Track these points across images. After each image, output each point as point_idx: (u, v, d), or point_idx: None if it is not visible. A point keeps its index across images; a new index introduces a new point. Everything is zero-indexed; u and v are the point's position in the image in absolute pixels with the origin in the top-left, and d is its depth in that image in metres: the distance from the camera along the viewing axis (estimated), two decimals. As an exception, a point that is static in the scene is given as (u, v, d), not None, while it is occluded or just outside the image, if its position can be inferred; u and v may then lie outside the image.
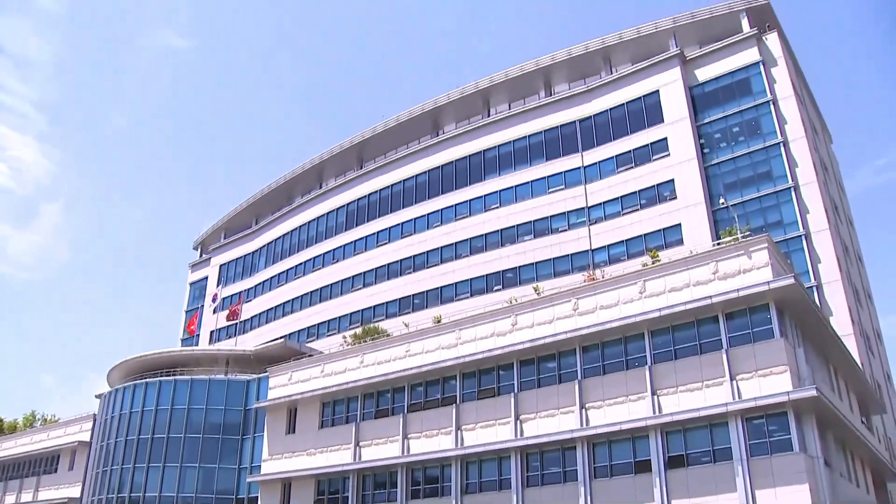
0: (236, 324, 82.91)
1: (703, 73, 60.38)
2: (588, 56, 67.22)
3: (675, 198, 57.09)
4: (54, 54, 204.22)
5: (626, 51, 65.78)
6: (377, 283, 73.72)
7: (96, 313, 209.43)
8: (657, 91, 61.38)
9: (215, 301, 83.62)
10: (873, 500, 44.83)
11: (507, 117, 70.67)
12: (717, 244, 40.98)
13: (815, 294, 49.55)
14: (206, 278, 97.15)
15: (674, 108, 59.86)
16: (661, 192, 58.15)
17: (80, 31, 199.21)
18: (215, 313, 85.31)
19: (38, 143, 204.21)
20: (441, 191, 72.68)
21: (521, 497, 39.91)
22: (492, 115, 73.15)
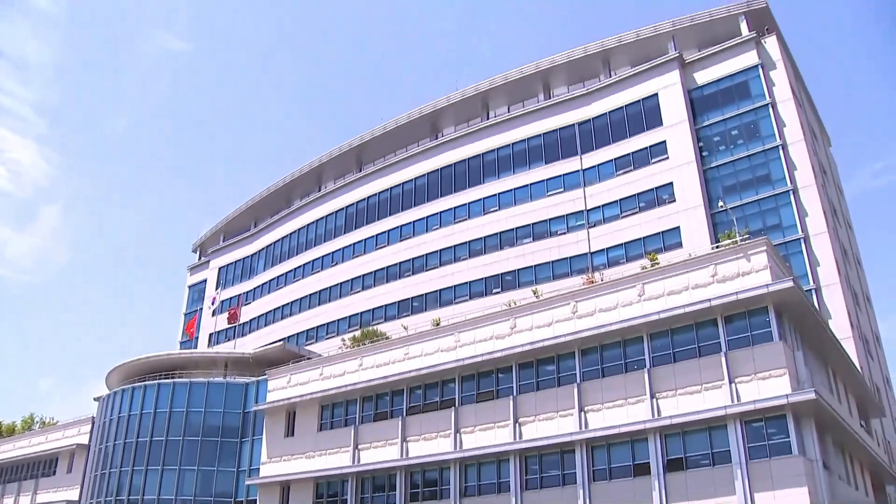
0: (235, 326, 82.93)
1: (702, 77, 60.45)
2: (587, 59, 67.29)
3: (674, 201, 57.12)
4: (53, 57, 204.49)
5: (626, 54, 65.86)
6: (376, 286, 73.70)
7: (95, 316, 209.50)
8: (656, 94, 61.43)
9: (214, 304, 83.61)
10: (872, 503, 44.80)
11: (506, 120, 70.72)
12: (716, 247, 41.01)
13: (814, 297, 49.57)
14: (205, 281, 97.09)
15: (673, 112, 59.91)
16: (660, 195, 58.18)
17: (79, 33, 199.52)
18: (214, 316, 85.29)
19: (38, 145, 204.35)
20: (440, 194, 72.70)
21: (520, 500, 39.86)
22: (491, 117, 73.20)
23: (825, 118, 73.28)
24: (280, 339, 74.99)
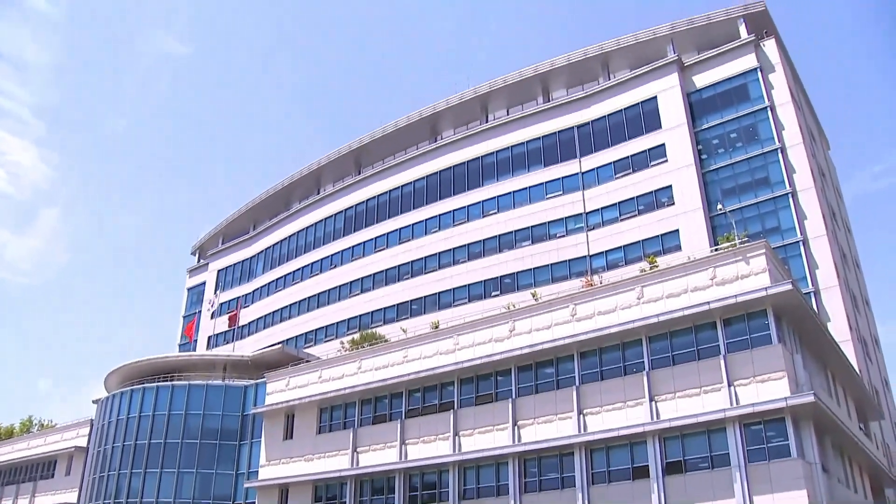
0: (234, 329, 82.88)
1: (701, 80, 60.54)
2: (586, 62, 67.36)
3: (673, 204, 57.17)
4: (53, 59, 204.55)
5: (625, 57, 65.95)
6: (375, 289, 73.69)
7: (94, 318, 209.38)
8: (655, 97, 61.51)
9: (213, 306, 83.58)
10: (871, 506, 44.78)
11: (505, 123, 70.79)
12: (715, 250, 41.01)
13: (813, 300, 49.58)
14: (204, 283, 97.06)
15: (672, 114, 59.98)
16: (659, 198, 58.23)
17: (78, 35, 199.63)
18: (213, 318, 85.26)
19: (37, 147, 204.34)
20: (439, 196, 72.72)
21: (519, 503, 39.79)
22: (490, 120, 73.27)
23: (824, 121, 73.44)
24: (279, 342, 75.00)
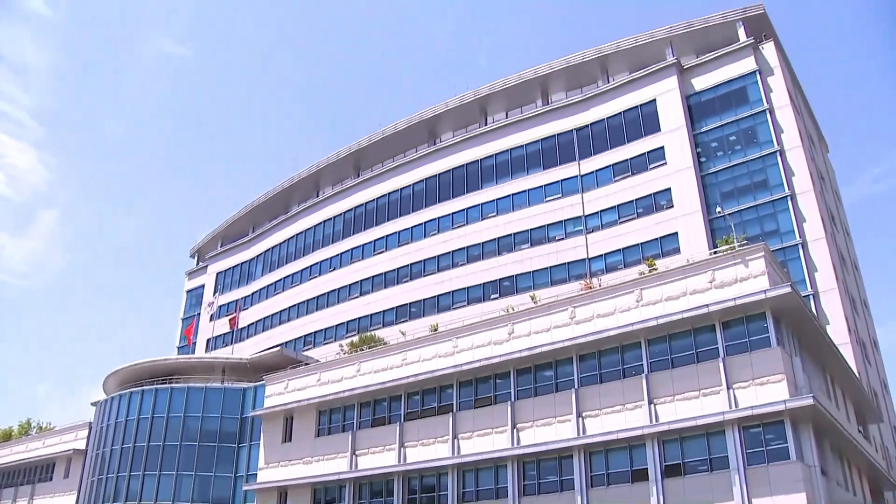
0: (233, 332, 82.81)
1: (700, 83, 60.59)
2: (585, 65, 67.42)
3: (672, 206, 57.18)
4: (52, 61, 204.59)
5: (623, 60, 66.00)
6: (374, 292, 73.65)
7: (93, 320, 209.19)
8: (654, 100, 61.55)
9: (212, 309, 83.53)
10: (870, 509, 44.75)
11: (504, 126, 70.82)
12: (714, 253, 41.05)
13: (812, 303, 49.58)
14: (203, 286, 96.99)
15: (671, 117, 60.03)
16: (658, 201, 58.25)
17: (77, 38, 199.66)
18: (212, 321, 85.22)
19: (36, 150, 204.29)
20: (438, 199, 72.71)
21: (518, 506, 39.78)
22: (489, 123, 73.30)
23: (824, 123, 73.58)
24: (278, 345, 74.87)
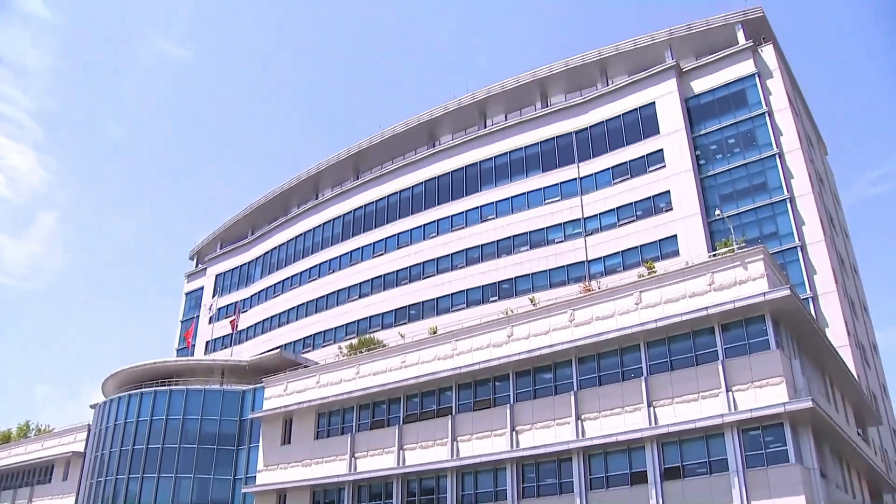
0: (232, 334, 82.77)
1: (699, 85, 60.65)
2: (584, 67, 67.49)
3: (671, 209, 57.21)
4: (52, 63, 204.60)
5: (623, 62, 66.07)
6: (373, 294, 73.65)
7: (92, 322, 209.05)
8: (653, 103, 61.61)
9: (211, 311, 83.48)
10: (870, 512, 44.74)
11: (503, 128, 70.84)
12: (713, 255, 41.02)
13: (811, 305, 49.60)
14: (202, 288, 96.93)
15: (670, 120, 60.08)
16: (658, 204, 58.28)
17: (77, 40, 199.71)
18: (211, 323, 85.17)
19: (35, 152, 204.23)
20: (437, 202, 72.72)
21: (517, 509, 39.75)
22: (488, 126, 73.32)
23: (823, 125, 73.71)
24: (277, 347, 74.81)
